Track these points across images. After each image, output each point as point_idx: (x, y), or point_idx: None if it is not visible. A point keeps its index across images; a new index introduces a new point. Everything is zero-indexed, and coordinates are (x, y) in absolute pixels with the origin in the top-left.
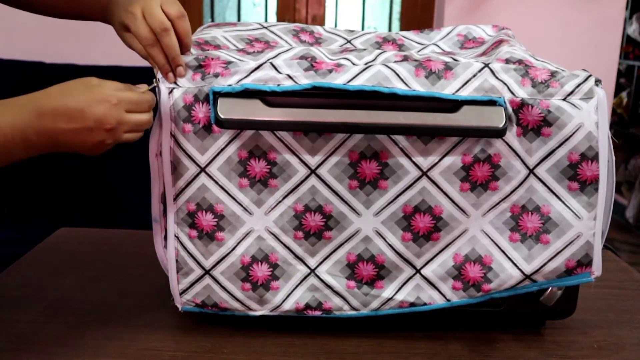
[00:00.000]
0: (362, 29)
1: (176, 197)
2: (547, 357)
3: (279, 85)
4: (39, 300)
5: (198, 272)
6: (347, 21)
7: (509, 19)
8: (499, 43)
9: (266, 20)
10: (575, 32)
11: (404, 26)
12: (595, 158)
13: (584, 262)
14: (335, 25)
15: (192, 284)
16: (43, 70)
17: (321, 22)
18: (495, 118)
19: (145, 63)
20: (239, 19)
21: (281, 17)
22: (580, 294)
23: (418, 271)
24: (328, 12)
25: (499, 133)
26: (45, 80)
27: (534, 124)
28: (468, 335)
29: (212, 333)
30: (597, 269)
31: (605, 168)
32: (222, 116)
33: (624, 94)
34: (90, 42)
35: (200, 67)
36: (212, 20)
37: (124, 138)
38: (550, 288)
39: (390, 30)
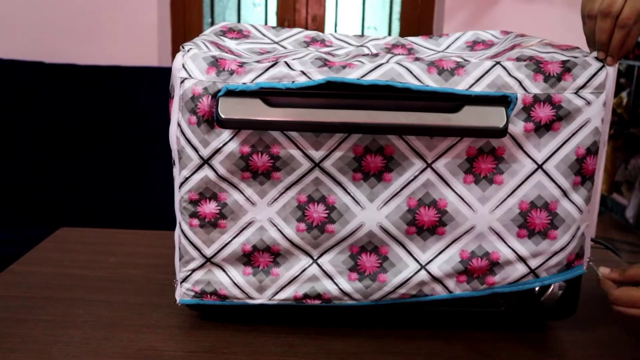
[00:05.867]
0: (362, 29)
1: (181, 186)
2: (547, 357)
3: (293, 82)
4: (39, 300)
5: (199, 260)
6: (347, 21)
7: (509, 18)
8: (512, 48)
9: (266, 20)
10: (575, 32)
11: (404, 26)
12: (597, 152)
13: (580, 255)
14: (336, 25)
15: (192, 272)
16: (43, 70)
17: (321, 22)
18: (496, 118)
19: (144, 63)
20: (239, 19)
21: (281, 17)
22: (582, 294)
23: (423, 267)
24: (328, 12)
25: (500, 133)
26: (46, 80)
27: (547, 119)
28: (469, 335)
29: (212, 333)
30: (585, 260)
31: (602, 160)
32: (223, 116)
33: (624, 94)
34: (90, 42)
35: (216, 62)
36: (212, 20)
37: None
38: (551, 288)
39: (390, 30)
